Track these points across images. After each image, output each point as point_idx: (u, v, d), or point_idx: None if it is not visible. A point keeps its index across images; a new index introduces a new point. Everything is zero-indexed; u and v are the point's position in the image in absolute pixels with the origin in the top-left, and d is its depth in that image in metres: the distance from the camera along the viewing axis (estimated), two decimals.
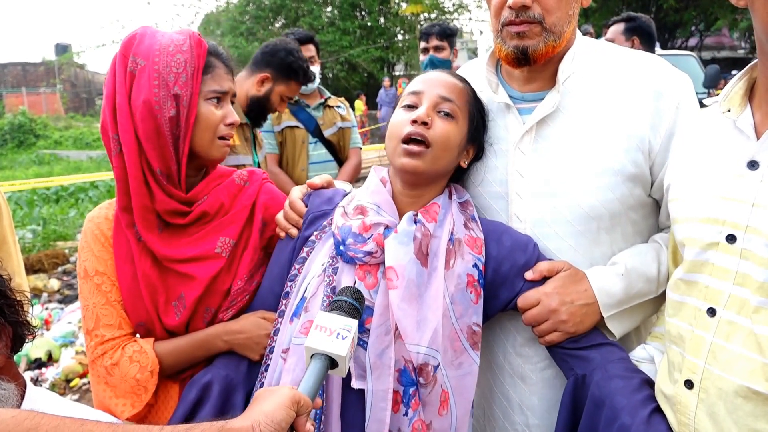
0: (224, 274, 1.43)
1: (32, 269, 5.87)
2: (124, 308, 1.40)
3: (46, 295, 5.35)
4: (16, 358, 1.24)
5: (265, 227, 1.50)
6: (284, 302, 1.37)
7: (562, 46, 1.35)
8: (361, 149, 3.69)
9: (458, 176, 1.46)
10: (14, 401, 1.13)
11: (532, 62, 1.33)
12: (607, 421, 1.18)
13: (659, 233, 1.43)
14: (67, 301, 5.29)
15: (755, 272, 0.98)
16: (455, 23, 20.24)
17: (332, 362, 1.07)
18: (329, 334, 1.07)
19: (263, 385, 1.34)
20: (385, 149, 1.38)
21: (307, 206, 1.45)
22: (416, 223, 1.30)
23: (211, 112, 1.38)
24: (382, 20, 21.28)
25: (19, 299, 1.20)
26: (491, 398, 1.52)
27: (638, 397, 1.18)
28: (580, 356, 1.29)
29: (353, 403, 1.24)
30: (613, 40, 3.71)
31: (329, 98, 3.59)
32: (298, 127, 3.39)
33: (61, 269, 6.13)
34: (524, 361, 1.43)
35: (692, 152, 1.18)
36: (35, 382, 3.81)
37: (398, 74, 21.64)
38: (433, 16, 20.37)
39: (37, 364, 4.06)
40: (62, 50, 27.01)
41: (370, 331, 1.24)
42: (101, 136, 1.40)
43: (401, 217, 1.33)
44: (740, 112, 1.07)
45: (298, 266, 1.38)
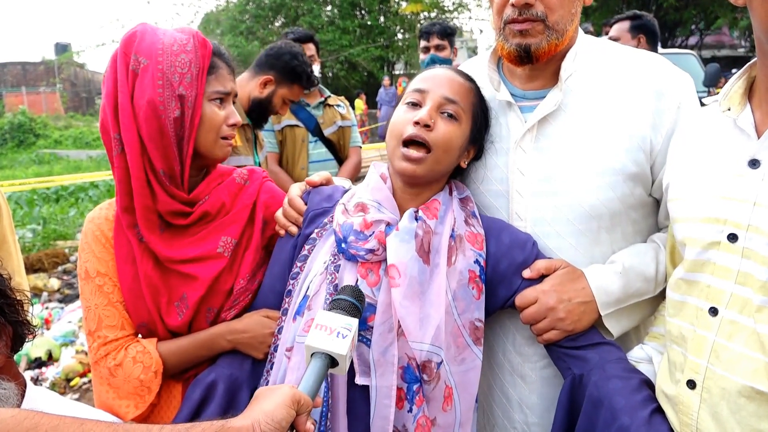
0: (226, 273, 1.42)
1: (32, 268, 5.87)
2: (125, 308, 1.39)
3: (46, 294, 5.34)
4: (16, 357, 1.23)
5: (266, 226, 1.49)
6: (287, 300, 1.37)
7: (564, 44, 1.34)
8: (361, 148, 3.69)
9: (459, 172, 1.45)
10: (14, 401, 1.13)
11: (534, 60, 1.33)
12: (605, 421, 1.17)
13: (657, 233, 1.43)
14: (67, 300, 5.29)
15: (757, 271, 0.98)
16: (455, 22, 20.25)
17: (332, 361, 1.07)
18: (329, 332, 1.07)
19: (268, 383, 1.33)
20: (386, 146, 1.38)
21: (306, 204, 1.44)
22: (417, 220, 1.29)
23: (214, 112, 1.38)
24: (381, 19, 21.25)
25: (19, 298, 1.20)
26: (491, 396, 1.52)
27: (637, 397, 1.17)
28: (577, 356, 1.28)
29: (359, 398, 1.24)
30: (618, 38, 3.67)
31: (329, 97, 3.58)
32: (298, 125, 3.39)
33: (61, 268, 6.13)
34: (524, 359, 1.43)
35: (692, 152, 1.18)
36: (35, 381, 3.80)
37: (398, 73, 21.63)
38: (432, 14, 20.35)
39: (37, 363, 4.06)
40: (62, 49, 27.00)
41: (373, 328, 1.24)
42: (101, 135, 1.39)
43: (402, 213, 1.33)
44: (740, 110, 1.07)
45: (299, 264, 1.37)
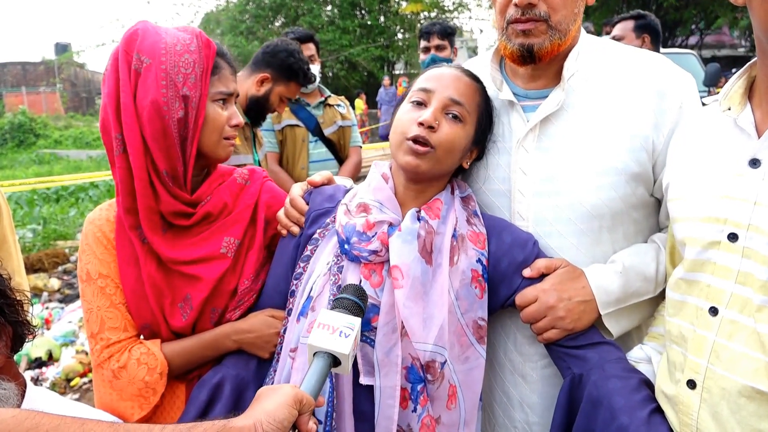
0: (230, 274, 1.42)
1: (32, 269, 5.86)
2: (128, 310, 1.39)
3: (46, 294, 5.34)
4: (16, 357, 1.23)
5: (267, 226, 1.49)
6: (291, 301, 1.37)
7: (567, 44, 1.34)
8: (361, 148, 3.70)
9: (461, 171, 1.45)
10: (14, 401, 1.13)
11: (537, 60, 1.33)
12: (604, 421, 1.17)
13: (658, 233, 1.43)
14: (67, 300, 5.28)
15: (757, 271, 0.98)
16: (455, 22, 20.25)
17: (335, 360, 1.06)
18: (332, 332, 1.07)
19: (274, 383, 1.33)
20: (389, 144, 1.37)
21: (308, 204, 1.44)
22: (419, 220, 1.29)
23: (217, 113, 1.38)
24: (382, 19, 21.24)
25: (19, 299, 1.19)
26: (492, 395, 1.51)
27: (636, 397, 1.17)
28: (577, 355, 1.28)
29: (364, 397, 1.24)
30: (622, 37, 3.65)
31: (329, 97, 3.59)
32: (298, 125, 3.40)
33: (61, 268, 6.12)
34: (525, 359, 1.43)
35: (692, 151, 1.18)
36: (36, 381, 3.80)
37: (398, 73, 21.62)
38: (432, 14, 20.35)
39: (37, 363, 4.06)
40: (62, 49, 27.00)
41: (376, 329, 1.24)
42: (101, 134, 1.38)
43: (404, 213, 1.33)
44: (740, 110, 1.07)
45: (303, 264, 1.37)
